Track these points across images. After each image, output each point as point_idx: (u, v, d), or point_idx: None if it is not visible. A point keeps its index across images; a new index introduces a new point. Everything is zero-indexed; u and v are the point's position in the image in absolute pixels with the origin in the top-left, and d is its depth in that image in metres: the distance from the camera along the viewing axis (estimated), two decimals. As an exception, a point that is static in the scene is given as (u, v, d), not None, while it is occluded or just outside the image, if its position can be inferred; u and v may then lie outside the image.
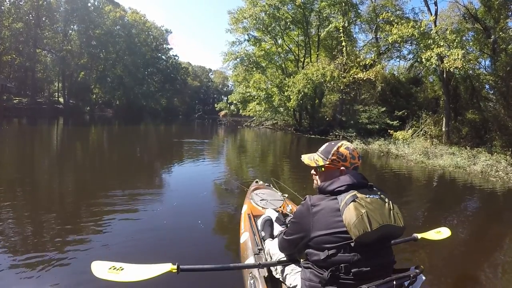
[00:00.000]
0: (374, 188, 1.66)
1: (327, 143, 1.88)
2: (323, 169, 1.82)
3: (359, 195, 1.54)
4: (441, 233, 2.63)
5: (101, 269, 1.77)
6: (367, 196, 1.56)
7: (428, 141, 17.59)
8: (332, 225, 1.53)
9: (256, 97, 29.47)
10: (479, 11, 20.19)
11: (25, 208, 4.88)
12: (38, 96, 39.09)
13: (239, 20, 28.25)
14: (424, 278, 1.57)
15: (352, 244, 1.48)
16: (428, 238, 2.62)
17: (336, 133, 22.83)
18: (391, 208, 1.59)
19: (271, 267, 2.32)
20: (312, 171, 1.94)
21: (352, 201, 1.51)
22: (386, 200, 1.61)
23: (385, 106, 22.81)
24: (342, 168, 1.76)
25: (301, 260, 1.86)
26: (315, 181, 1.93)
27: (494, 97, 21.66)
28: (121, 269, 1.77)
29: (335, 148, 1.80)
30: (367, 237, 1.46)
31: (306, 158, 1.93)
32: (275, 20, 27.92)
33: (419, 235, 2.57)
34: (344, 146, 1.80)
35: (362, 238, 1.46)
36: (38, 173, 7.95)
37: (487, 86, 22.17)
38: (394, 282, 1.50)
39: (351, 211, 1.48)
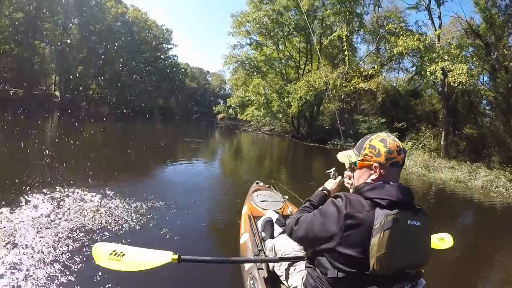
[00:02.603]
0: (419, 212, 1.41)
1: (363, 137, 1.64)
2: (357, 165, 1.60)
3: (401, 218, 1.31)
4: (444, 240, 2.56)
5: (102, 253, 1.74)
6: (409, 223, 1.34)
7: (426, 154, 17.70)
8: (358, 245, 1.33)
9: (255, 101, 29.44)
10: (480, 27, 20.47)
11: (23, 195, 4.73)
12: (35, 88, 38.57)
13: (242, 23, 28.31)
14: (424, 282, 1.46)
15: (367, 272, 1.31)
16: (431, 247, 2.53)
17: (335, 142, 22.81)
18: (426, 240, 1.45)
19: (273, 265, 2.30)
20: (347, 172, 1.80)
21: (389, 228, 1.28)
22: (426, 229, 1.42)
23: (385, 117, 22.89)
24: (375, 164, 1.49)
25: (305, 258, 1.78)
26: (348, 180, 1.80)
27: (491, 113, 21.96)
28: (122, 255, 1.73)
29: (367, 141, 1.56)
30: (386, 272, 1.31)
31: (341, 155, 1.73)
32: (278, 26, 28.00)
33: None
34: (379, 138, 1.53)
35: (380, 271, 1.29)
36: (37, 165, 7.72)
37: (484, 102, 22.49)
38: (396, 286, 1.38)
39: (384, 240, 1.27)
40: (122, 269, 1.70)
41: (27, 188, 5.04)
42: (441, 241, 2.54)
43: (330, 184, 2.07)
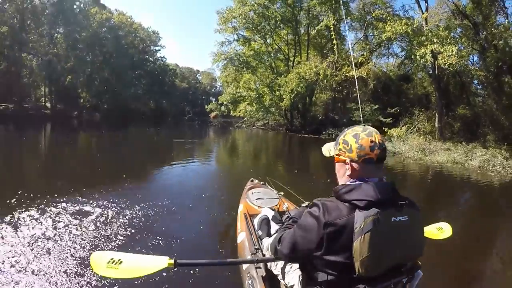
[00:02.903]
0: (405, 206, 1.32)
1: (343, 130, 1.54)
2: (335, 160, 1.51)
3: (382, 218, 1.24)
4: (442, 230, 2.50)
5: (100, 262, 1.76)
6: (393, 219, 1.27)
7: (421, 137, 17.73)
8: (342, 251, 1.27)
9: (246, 97, 29.37)
10: (467, 7, 20.45)
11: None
12: (25, 101, 38.27)
13: (228, 19, 28.21)
14: (422, 273, 1.42)
15: (355, 275, 1.26)
16: (428, 237, 2.39)
17: (329, 132, 22.81)
18: (417, 234, 1.38)
19: (270, 264, 2.29)
20: None
21: (369, 230, 1.21)
22: (415, 222, 1.35)
23: (377, 104, 22.90)
24: (347, 160, 1.42)
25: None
26: None
27: (483, 92, 22.03)
28: (120, 262, 1.75)
29: (342, 135, 1.47)
30: (374, 273, 1.26)
31: (325, 148, 1.62)
32: (265, 19, 27.90)
33: None
34: (353, 133, 1.42)
35: (365, 274, 1.24)
36: (31, 178, 7.66)
37: (475, 82, 22.54)
38: (392, 281, 1.33)
39: (365, 244, 1.21)
40: (120, 277, 1.73)
41: (22, 200, 5.06)
42: (439, 230, 2.48)
43: None
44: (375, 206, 1.25)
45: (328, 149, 1.58)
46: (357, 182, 1.38)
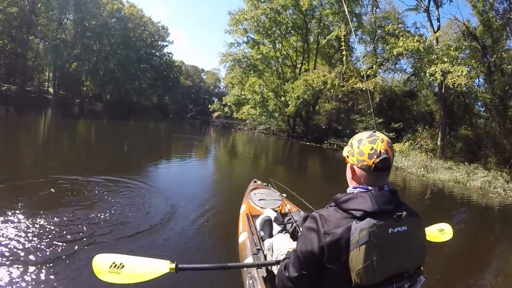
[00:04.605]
0: (404, 216, 1.29)
1: None
2: (346, 161, 1.50)
3: (378, 230, 1.23)
4: (444, 232, 2.47)
5: (102, 266, 1.77)
6: (390, 231, 1.26)
7: (423, 154, 17.79)
8: (341, 260, 1.28)
9: (251, 100, 29.38)
10: (477, 29, 20.60)
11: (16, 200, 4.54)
12: (28, 84, 38.05)
13: (239, 21, 28.19)
14: (424, 279, 1.42)
15: (352, 284, 1.27)
16: (430, 240, 2.37)
17: (332, 142, 22.84)
18: (417, 243, 1.36)
19: (271, 266, 2.29)
20: None
21: (364, 243, 1.22)
22: (415, 231, 1.34)
23: (382, 117, 22.99)
24: (350, 163, 1.44)
25: None
26: None
27: (486, 115, 22.19)
28: (122, 267, 1.78)
29: (353, 137, 1.47)
30: (370, 283, 1.25)
31: (344, 148, 1.56)
32: (276, 24, 27.96)
33: None
34: (359, 137, 1.42)
35: (361, 284, 1.25)
36: (27, 166, 7.53)
37: (478, 103, 22.70)
38: (394, 285, 1.33)
39: (360, 255, 1.22)
40: (122, 283, 1.75)
41: (17, 193, 4.84)
42: (441, 232, 2.47)
43: None
44: (372, 217, 1.26)
45: (345, 150, 1.55)
46: (356, 191, 1.39)
